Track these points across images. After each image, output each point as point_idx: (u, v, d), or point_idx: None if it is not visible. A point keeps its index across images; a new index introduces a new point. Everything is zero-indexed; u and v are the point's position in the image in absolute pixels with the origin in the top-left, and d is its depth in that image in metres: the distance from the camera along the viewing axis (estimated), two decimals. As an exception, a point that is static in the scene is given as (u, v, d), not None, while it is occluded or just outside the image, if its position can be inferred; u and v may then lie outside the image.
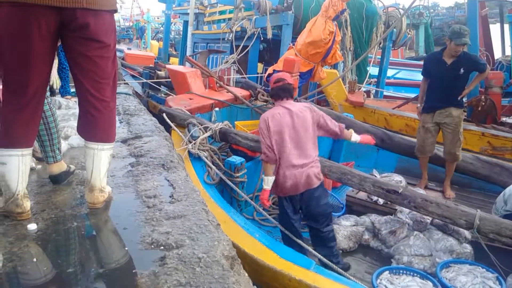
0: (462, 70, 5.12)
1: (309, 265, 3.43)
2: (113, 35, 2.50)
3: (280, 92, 3.85)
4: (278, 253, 3.53)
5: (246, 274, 2.07)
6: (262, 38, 9.23)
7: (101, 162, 2.61)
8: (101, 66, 2.46)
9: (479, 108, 7.64)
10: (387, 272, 3.81)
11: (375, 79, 10.49)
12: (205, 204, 2.70)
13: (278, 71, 6.12)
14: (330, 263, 3.58)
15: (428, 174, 6.09)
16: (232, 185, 4.54)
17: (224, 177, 4.59)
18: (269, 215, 4.40)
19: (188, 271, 1.95)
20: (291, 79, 4.00)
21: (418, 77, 12.01)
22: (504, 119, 8.15)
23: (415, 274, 3.78)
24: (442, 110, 5.31)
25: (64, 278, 1.95)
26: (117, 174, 3.23)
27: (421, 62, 15.54)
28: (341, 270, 3.55)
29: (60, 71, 5.87)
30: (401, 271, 3.83)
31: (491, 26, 12.13)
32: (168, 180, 3.05)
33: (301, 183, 3.77)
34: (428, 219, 4.51)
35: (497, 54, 12.40)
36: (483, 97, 7.72)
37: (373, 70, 10.34)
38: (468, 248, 4.25)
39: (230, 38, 9.68)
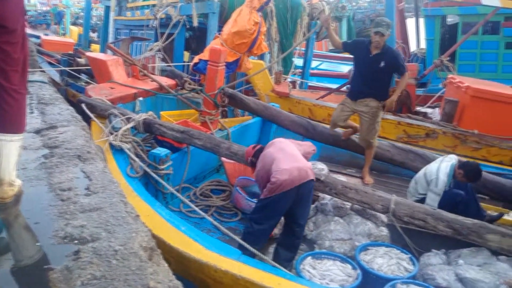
0: (382, 63, 5.29)
1: (236, 255, 3.46)
2: (21, 19, 2.33)
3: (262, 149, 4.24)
4: (204, 244, 3.51)
5: (166, 265, 2.03)
6: (188, 26, 9.08)
7: (10, 154, 2.44)
8: (8, 52, 2.29)
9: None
10: (309, 257, 3.93)
11: (300, 70, 10.73)
12: (123, 196, 2.61)
13: (205, 61, 6.08)
14: (257, 252, 3.60)
15: (348, 161, 6.37)
16: (156, 177, 4.43)
17: (148, 170, 4.46)
18: (197, 206, 4.37)
19: (104, 264, 1.91)
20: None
21: (341, 68, 12.52)
22: (418, 108, 8.68)
23: (336, 258, 3.95)
24: (362, 99, 5.51)
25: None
26: (28, 166, 3.03)
27: (344, 55, 16.17)
28: (266, 258, 3.60)
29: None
30: (323, 256, 3.98)
31: (407, 20, 12.84)
32: (84, 172, 2.92)
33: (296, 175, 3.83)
34: (348, 204, 4.70)
35: (413, 47, 13.15)
36: (399, 88, 8.15)
37: (297, 61, 10.56)
38: (384, 231, 4.49)
39: (154, 25, 9.40)
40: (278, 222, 4.06)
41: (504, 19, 10.46)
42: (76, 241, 2.10)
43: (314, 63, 12.70)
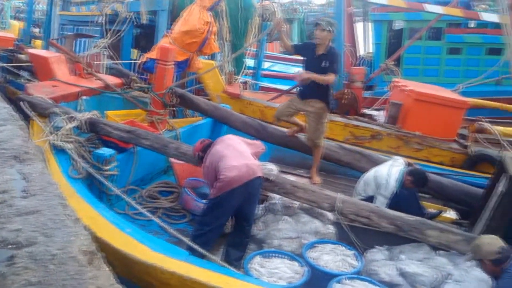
0: (324, 63, 5.36)
1: (183, 256, 3.42)
2: None
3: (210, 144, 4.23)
4: (150, 246, 3.45)
5: (108, 269, 1.96)
6: (136, 23, 8.90)
7: None
8: None
9: (343, 101, 8.25)
10: (258, 256, 3.95)
11: (252, 71, 10.77)
12: (63, 198, 2.50)
13: (153, 59, 5.97)
14: (205, 252, 3.57)
15: (298, 162, 6.44)
16: (100, 178, 4.30)
17: (91, 170, 4.33)
18: (143, 208, 4.29)
19: (40, 270, 1.82)
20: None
21: (293, 70, 12.63)
22: (365, 110, 8.93)
23: (284, 256, 3.99)
24: (308, 100, 5.60)
25: None
26: (-41, 169, 2.84)
27: (295, 57, 16.37)
28: (214, 258, 3.58)
29: None
30: (271, 254, 4.01)
31: (356, 24, 13.19)
32: (21, 174, 2.77)
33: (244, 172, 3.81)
34: (297, 204, 4.75)
35: (361, 51, 13.52)
36: (346, 90, 8.35)
37: (249, 62, 10.59)
38: (331, 229, 4.58)
39: (101, 22, 9.14)
40: (227, 221, 4.04)
41: (446, 26, 10.97)
42: (10, 246, 1.99)
43: (266, 64, 12.78)
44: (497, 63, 9.39)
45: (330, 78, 5.29)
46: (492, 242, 3.17)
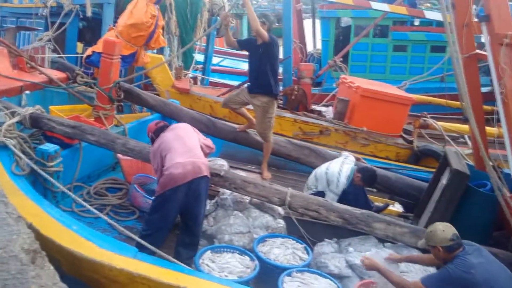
0: (261, 50, 5.45)
1: (132, 253, 3.37)
2: None
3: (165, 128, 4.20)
4: (97, 243, 3.39)
5: (52, 267, 1.90)
6: (81, 16, 8.60)
7: None
8: None
9: (293, 97, 8.37)
10: (209, 251, 3.95)
11: (201, 66, 10.68)
12: (3, 195, 2.39)
13: (98, 53, 5.78)
14: (154, 249, 3.52)
15: (249, 158, 6.48)
16: (45, 175, 4.15)
17: (35, 167, 4.17)
18: (91, 205, 4.16)
19: (-20, 270, 1.73)
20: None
21: (242, 65, 12.67)
22: (314, 107, 9.10)
23: (235, 251, 4.01)
24: (255, 94, 5.67)
25: None
26: None
27: (245, 52, 16.38)
28: (164, 254, 3.54)
29: None
30: (222, 249, 4.02)
31: (304, 21, 13.37)
32: (-42, 171, 2.62)
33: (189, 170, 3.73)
34: (247, 199, 4.78)
35: (310, 47, 13.71)
36: (296, 87, 8.48)
37: (198, 57, 10.49)
38: (281, 223, 4.65)
39: (44, 14, 8.76)
40: (174, 220, 3.95)
41: (392, 23, 11.34)
42: None
43: (215, 60, 12.71)
44: (441, 61, 9.84)
45: (254, 17, 5.27)
46: (446, 230, 3.26)
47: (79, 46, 9.21)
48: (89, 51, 6.03)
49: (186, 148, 3.91)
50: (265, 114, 5.66)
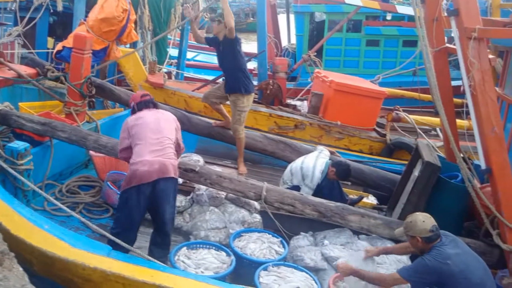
0: (221, 47, 5.53)
1: (106, 251, 3.32)
2: None
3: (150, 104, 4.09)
4: (70, 242, 3.34)
5: (21, 269, 1.86)
6: (52, 10, 8.40)
7: None
8: None
9: (268, 92, 8.37)
10: (184, 248, 3.93)
11: (176, 61, 10.58)
12: (-31, 195, 2.32)
13: (69, 48, 5.65)
14: (128, 246, 3.47)
15: (224, 153, 6.47)
16: (14, 173, 4.07)
17: (4, 165, 4.08)
18: (63, 204, 4.09)
19: None
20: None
21: (216, 60, 12.60)
22: (289, 101, 9.12)
23: (211, 247, 4.00)
24: (228, 93, 5.72)
25: None
26: None
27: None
28: (138, 251, 3.51)
29: None
30: (198, 246, 4.00)
31: (279, 15, 13.37)
32: None
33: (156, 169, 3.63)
34: (223, 194, 4.78)
35: (285, 42, 13.74)
36: (271, 81, 8.48)
37: (173, 52, 10.38)
38: (257, 217, 4.66)
39: (13, 8, 8.52)
40: (140, 218, 3.80)
41: (365, 18, 11.45)
42: None
43: (190, 54, 12.62)
44: (413, 55, 9.99)
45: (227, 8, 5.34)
46: (426, 221, 3.30)
47: (50, 41, 9.01)
48: (59, 46, 5.89)
49: (159, 145, 3.77)
50: (235, 109, 5.69)
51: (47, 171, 4.82)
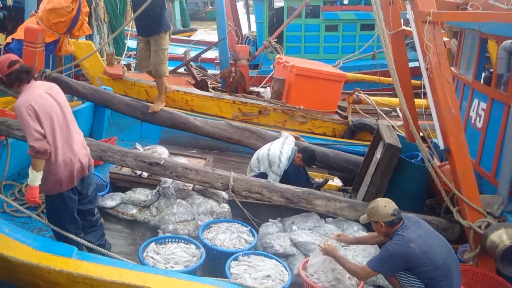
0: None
1: (71, 253, 3.24)
2: None
3: (23, 75, 3.39)
4: (33, 245, 3.24)
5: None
6: (1, 5, 8.05)
7: None
8: None
9: (231, 79, 8.31)
10: (153, 243, 3.88)
11: (135, 52, 10.31)
12: None
13: (18, 40, 5.42)
14: (97, 247, 3.41)
15: (189, 142, 6.47)
16: (-31, 175, 3.89)
17: (-43, 168, 3.88)
18: (23, 205, 3.97)
19: None
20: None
21: (177, 50, 12.41)
22: (252, 88, 9.09)
23: (180, 240, 3.97)
24: (148, 37, 5.65)
25: None
26: None
27: (179, 37, 15.98)
28: (106, 251, 3.45)
29: None
30: (167, 240, 3.96)
31: (238, 3, 13.24)
32: None
33: (85, 165, 3.53)
34: (190, 186, 4.74)
35: (245, 30, 13.65)
36: (233, 69, 8.41)
37: (131, 43, 10.12)
38: (226, 207, 4.66)
39: (-39, 4, 8.11)
40: (74, 214, 3.63)
41: (323, 3, 11.49)
42: None
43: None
44: (371, 38, 10.12)
45: None
46: (388, 205, 3.37)
47: (1, 37, 8.61)
48: (8, 39, 5.64)
49: (72, 138, 3.48)
50: (160, 47, 5.58)
51: (5, 171, 4.64)
